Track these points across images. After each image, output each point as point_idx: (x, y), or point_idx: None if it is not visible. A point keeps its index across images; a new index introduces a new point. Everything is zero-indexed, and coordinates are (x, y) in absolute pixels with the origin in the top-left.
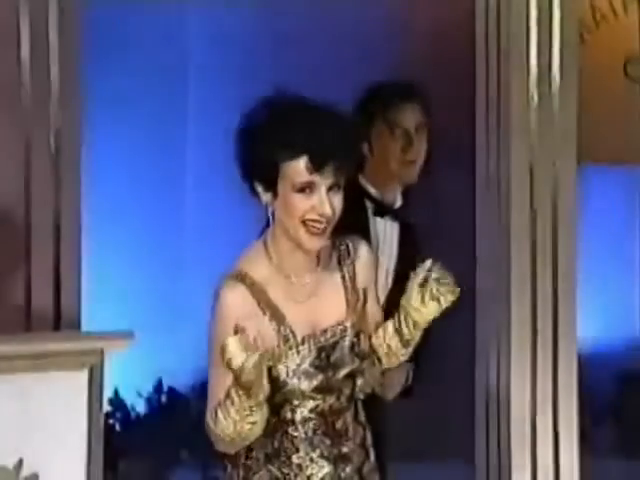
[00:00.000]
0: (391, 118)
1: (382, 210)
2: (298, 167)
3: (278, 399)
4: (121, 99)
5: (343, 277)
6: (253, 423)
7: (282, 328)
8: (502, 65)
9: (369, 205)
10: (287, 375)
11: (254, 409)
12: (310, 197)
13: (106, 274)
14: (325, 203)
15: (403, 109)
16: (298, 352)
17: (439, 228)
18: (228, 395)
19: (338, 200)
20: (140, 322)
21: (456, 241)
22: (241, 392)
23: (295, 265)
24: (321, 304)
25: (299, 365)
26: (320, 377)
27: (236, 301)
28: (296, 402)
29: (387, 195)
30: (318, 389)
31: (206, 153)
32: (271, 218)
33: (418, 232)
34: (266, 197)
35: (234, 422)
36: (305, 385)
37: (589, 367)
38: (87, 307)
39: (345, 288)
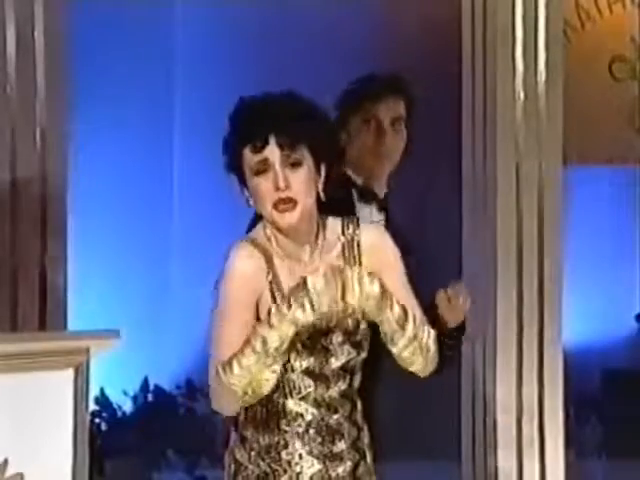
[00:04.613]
0: (367, 109)
1: (366, 197)
2: (248, 152)
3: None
4: (108, 94)
5: (344, 260)
6: (274, 372)
7: (278, 298)
8: (488, 64)
9: (354, 192)
10: None
11: (277, 358)
12: (268, 176)
13: (92, 273)
14: (278, 176)
15: (380, 102)
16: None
17: (424, 222)
18: (248, 345)
19: (297, 177)
20: (126, 321)
21: (440, 235)
22: (266, 337)
23: (290, 249)
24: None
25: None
26: (311, 360)
27: (245, 257)
28: (287, 388)
29: (372, 184)
30: (308, 373)
31: (193, 148)
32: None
33: (404, 222)
34: (247, 194)
35: (251, 372)
36: (297, 364)
37: (573, 366)
38: (73, 306)
39: None
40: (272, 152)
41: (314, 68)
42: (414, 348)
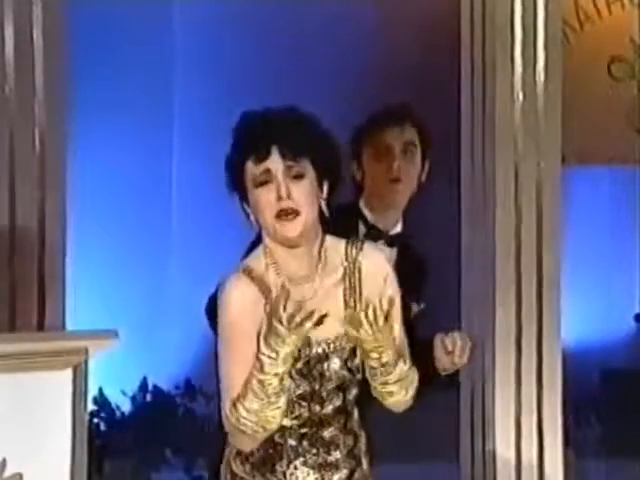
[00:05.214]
0: (376, 138)
1: (375, 234)
2: (250, 164)
3: None
4: (107, 100)
5: (344, 287)
6: (278, 408)
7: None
8: (487, 64)
9: (362, 228)
10: None
11: (280, 394)
12: (270, 187)
13: (91, 273)
14: (281, 186)
15: (390, 128)
16: None
17: (423, 221)
18: (249, 389)
19: (299, 189)
20: (125, 320)
21: (439, 235)
22: (263, 380)
23: (291, 270)
24: (318, 312)
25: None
26: (305, 386)
27: (242, 289)
28: None
29: (384, 221)
30: (303, 397)
31: (192, 154)
32: (256, 226)
33: (415, 259)
34: (249, 210)
35: (257, 414)
36: (291, 390)
37: (573, 366)
38: (71, 306)
39: (345, 300)
40: (274, 162)
41: (314, 67)
42: (399, 387)
